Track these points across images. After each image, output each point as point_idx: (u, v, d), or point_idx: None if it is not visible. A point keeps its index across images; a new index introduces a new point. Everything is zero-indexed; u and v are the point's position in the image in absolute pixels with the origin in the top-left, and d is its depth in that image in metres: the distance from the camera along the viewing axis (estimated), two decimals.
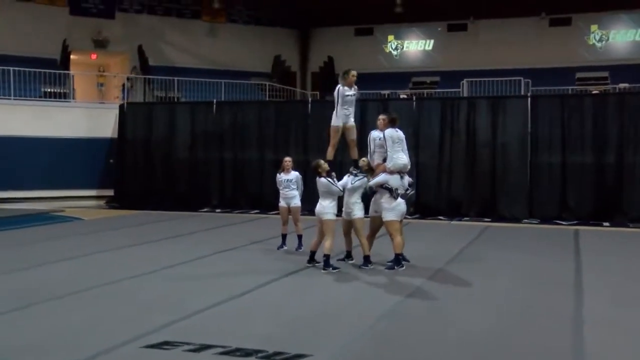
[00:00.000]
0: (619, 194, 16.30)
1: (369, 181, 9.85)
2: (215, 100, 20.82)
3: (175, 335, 6.11)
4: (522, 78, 23.71)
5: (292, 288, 8.55)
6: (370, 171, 10.05)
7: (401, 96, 25.48)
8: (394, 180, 9.60)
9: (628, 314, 7.09)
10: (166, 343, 5.87)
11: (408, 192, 9.80)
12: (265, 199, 19.04)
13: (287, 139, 19.36)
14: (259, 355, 5.53)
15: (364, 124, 18.37)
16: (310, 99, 19.81)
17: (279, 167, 19.00)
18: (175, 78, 25.24)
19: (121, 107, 21.71)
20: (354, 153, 10.28)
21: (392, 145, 9.74)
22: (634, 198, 16.14)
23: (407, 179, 9.89)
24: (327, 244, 9.49)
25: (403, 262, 9.65)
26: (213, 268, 9.77)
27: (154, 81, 26.19)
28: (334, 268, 9.44)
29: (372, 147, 10.26)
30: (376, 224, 10.05)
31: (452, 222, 16.36)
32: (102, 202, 21.24)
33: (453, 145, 17.69)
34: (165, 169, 20.34)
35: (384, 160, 9.95)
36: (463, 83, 24.50)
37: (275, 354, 5.55)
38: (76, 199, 21.03)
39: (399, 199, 9.62)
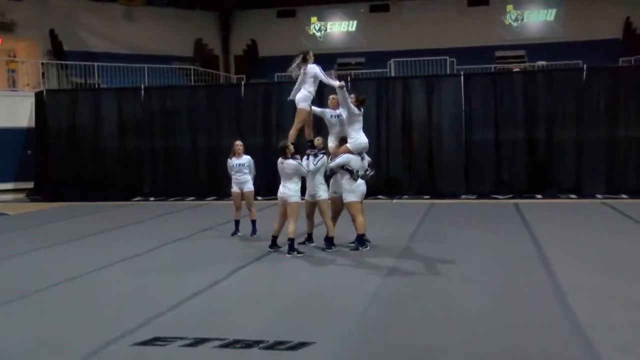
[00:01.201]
0: (549, 168, 16.92)
1: (329, 162, 9.69)
2: (143, 86, 20.03)
3: (162, 330, 5.78)
4: (447, 57, 24.14)
5: (265, 275, 8.31)
6: (326, 151, 9.89)
7: None
8: (354, 162, 9.49)
9: (603, 280, 7.31)
10: (157, 339, 5.54)
11: (368, 172, 9.69)
12: (200, 186, 18.66)
13: (220, 124, 18.92)
14: (261, 345, 5.31)
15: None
16: (243, 83, 19.35)
17: (213, 152, 18.97)
18: (95, 63, 24.09)
19: (39, 94, 20.53)
20: (310, 133, 10.08)
21: (353, 125, 9.61)
22: (562, 171, 16.82)
23: (367, 159, 9.80)
24: (290, 227, 9.28)
25: (366, 243, 9.59)
26: (172, 258, 9.36)
27: (71, 67, 24.90)
28: (299, 252, 9.27)
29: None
30: (337, 205, 9.93)
31: (394, 201, 16.50)
32: (21, 195, 20.08)
33: (390, 125, 17.81)
34: (92, 158, 19.44)
35: (341, 140, 9.83)
36: (390, 63, 24.69)
37: (277, 343, 5.34)
38: None
39: (359, 180, 9.53)
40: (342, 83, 9.59)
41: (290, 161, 9.33)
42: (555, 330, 5.61)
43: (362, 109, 9.83)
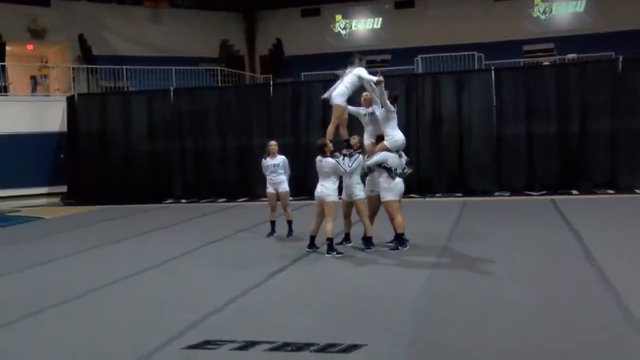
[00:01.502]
0: (583, 162, 16.61)
1: (364, 160, 9.62)
2: (172, 88, 20.11)
3: (211, 333, 5.76)
4: (475, 52, 23.88)
5: (306, 275, 8.26)
6: (362, 150, 9.81)
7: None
8: (392, 159, 9.40)
9: None
10: (207, 342, 5.52)
11: (405, 170, 9.60)
12: (231, 187, 18.71)
13: (250, 124, 18.93)
14: (312, 348, 5.26)
15: (327, 104, 18.19)
16: (271, 82, 19.35)
17: (243, 153, 18.99)
18: (125, 67, 24.25)
19: (70, 98, 20.73)
20: (345, 132, 10.00)
21: (389, 122, 9.53)
22: (597, 165, 16.49)
23: (404, 157, 9.71)
24: (328, 227, 9.22)
25: (406, 242, 9.49)
26: (212, 260, 9.37)
27: (100, 71, 25.12)
28: (338, 252, 9.21)
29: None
30: (374, 204, 9.85)
31: (426, 199, 16.36)
32: (56, 199, 20.31)
33: (420, 123, 17.65)
34: (123, 161, 19.59)
35: (378, 138, 9.75)
36: (417, 60, 24.52)
37: (329, 345, 5.29)
38: (26, 198, 19.96)
39: (397, 178, 9.44)
40: (382, 78, 9.48)
41: (329, 159, 9.26)
42: (613, 327, 5.48)
43: (396, 106, 9.74)
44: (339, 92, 9.60)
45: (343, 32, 30.53)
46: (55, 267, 9.41)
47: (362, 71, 9.50)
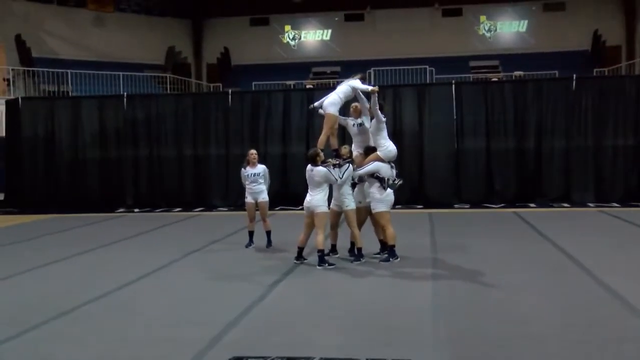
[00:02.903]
0: (539, 177, 17.03)
1: (354, 170, 9.48)
2: (125, 94, 19.40)
3: (236, 350, 5.43)
4: (427, 66, 24.26)
5: (308, 288, 7.99)
6: (352, 160, 9.67)
7: (307, 86, 25.23)
8: (385, 170, 9.32)
9: None
10: (237, 359, 5.20)
11: (396, 182, 9.52)
12: (187, 197, 18.20)
13: (207, 132, 18.47)
14: None
15: (287, 114, 18.05)
16: (230, 91, 18.96)
17: (199, 162, 18.50)
18: (69, 71, 23.29)
19: (11, 102, 19.69)
20: (335, 142, 9.85)
21: (380, 132, 9.45)
22: (552, 180, 16.95)
23: (394, 169, 9.63)
24: (319, 238, 9.02)
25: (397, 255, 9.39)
26: (197, 273, 8.95)
27: (39, 74, 24.04)
28: (330, 264, 9.01)
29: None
30: (362, 215, 9.71)
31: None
32: None
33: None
34: (72, 168, 18.73)
35: (367, 149, 9.63)
36: (370, 72, 24.66)
37: None
38: None
39: (389, 189, 9.35)
40: (376, 88, 9.39)
41: (320, 168, 9.07)
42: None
43: (385, 116, 9.67)
44: (331, 102, 9.46)
45: (292, 42, 30.49)
46: (26, 280, 8.76)
47: (356, 82, 9.39)
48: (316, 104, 9.93)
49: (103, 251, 10.95)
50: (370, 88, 9.28)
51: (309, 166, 9.20)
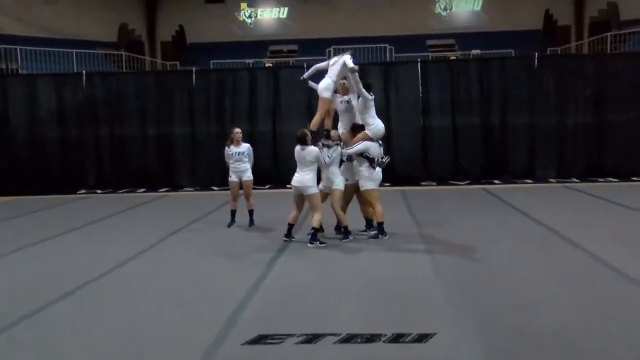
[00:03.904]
0: (504, 154, 17.40)
1: (342, 149, 9.47)
2: (84, 72, 18.78)
3: (258, 328, 5.40)
4: (387, 45, 24.34)
5: (308, 265, 7.96)
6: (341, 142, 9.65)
7: (266, 65, 25.03)
8: (374, 149, 9.36)
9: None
10: (264, 337, 5.19)
11: (384, 160, 9.57)
12: (151, 177, 17.83)
13: (171, 112, 18.09)
14: (382, 339, 5.08)
15: (253, 93, 17.87)
16: (194, 69, 18.57)
17: (164, 141, 18.13)
18: (18, 47, 22.38)
19: None
20: (329, 124, 9.80)
21: (368, 111, 9.46)
22: (516, 157, 17.34)
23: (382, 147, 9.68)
24: (317, 217, 9.01)
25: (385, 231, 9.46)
26: (188, 252, 8.80)
27: None
28: (321, 242, 9.00)
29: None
30: (349, 193, 9.73)
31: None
32: None
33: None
34: (29, 148, 18.03)
35: (354, 127, 9.63)
36: (330, 50, 24.58)
37: (399, 336, 5.13)
38: None
39: (377, 167, 9.40)
40: (356, 67, 9.37)
41: (312, 148, 9.05)
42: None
43: (372, 94, 9.68)
44: (325, 87, 9.39)
45: (248, 20, 30.11)
46: (10, 262, 8.47)
47: (347, 58, 9.32)
48: (306, 75, 9.82)
49: (80, 233, 10.67)
50: (351, 65, 9.24)
51: (299, 146, 9.15)
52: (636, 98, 17.02)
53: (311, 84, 9.81)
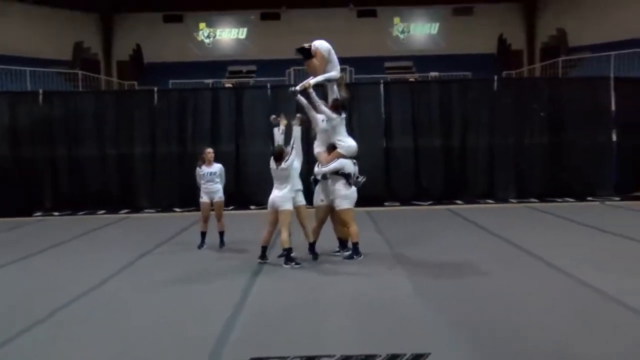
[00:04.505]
0: (464, 174, 17.67)
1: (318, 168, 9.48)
2: (41, 90, 18.33)
3: (248, 349, 5.30)
4: (347, 66, 24.52)
5: (287, 286, 7.89)
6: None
7: (225, 85, 24.91)
8: (349, 166, 9.38)
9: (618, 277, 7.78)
10: (257, 359, 5.08)
11: (360, 179, 9.61)
12: (111, 199, 17.42)
13: (131, 131, 17.77)
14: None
15: (216, 113, 17.72)
16: (156, 89, 18.34)
17: (122, 163, 17.76)
18: None
19: None
20: None
21: (337, 129, 9.50)
22: (476, 177, 17.64)
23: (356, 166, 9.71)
24: (284, 236, 8.94)
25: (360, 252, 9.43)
26: (161, 275, 8.58)
27: None
28: (297, 263, 8.93)
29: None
30: (326, 213, 9.70)
31: None
32: None
33: (309, 134, 17.66)
34: None
35: (330, 147, 9.64)
36: (290, 72, 24.67)
37: (394, 356, 5.11)
38: None
39: (352, 187, 9.42)
40: (308, 83, 9.44)
41: (288, 163, 9.03)
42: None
43: (344, 113, 9.72)
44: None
45: (207, 40, 29.97)
46: None
47: (330, 75, 9.40)
48: (298, 87, 9.73)
49: (45, 256, 10.34)
50: (309, 82, 9.32)
51: (275, 163, 9.10)
52: (589, 121, 17.59)
53: (301, 99, 9.72)
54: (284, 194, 8.98)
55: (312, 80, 9.53)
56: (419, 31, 30.08)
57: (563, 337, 5.42)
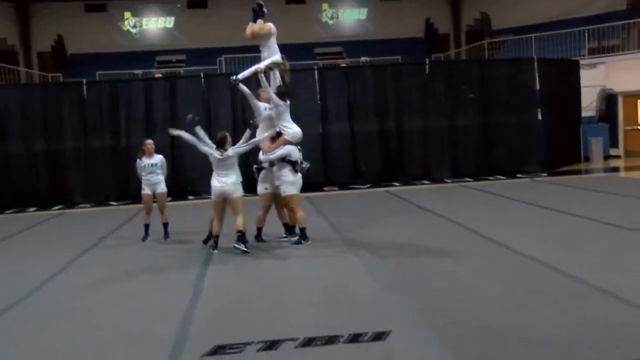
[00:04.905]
0: (400, 157, 18.01)
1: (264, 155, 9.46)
2: None
3: (212, 339, 5.28)
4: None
5: (242, 273, 7.84)
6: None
7: (156, 75, 24.42)
8: (295, 153, 9.42)
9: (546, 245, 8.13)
10: (222, 347, 5.08)
11: (304, 165, 9.66)
12: (42, 195, 16.84)
13: (61, 125, 17.20)
14: (342, 340, 5.13)
15: (149, 104, 17.35)
16: (85, 81, 17.74)
17: (52, 158, 17.14)
18: None
19: None
20: None
21: (282, 116, 9.52)
22: (412, 159, 18.02)
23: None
24: (240, 220, 8.91)
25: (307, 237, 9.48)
26: (108, 269, 8.39)
27: None
28: (246, 247, 8.87)
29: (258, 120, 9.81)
30: (270, 200, 9.72)
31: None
32: None
33: (246, 120, 17.53)
34: None
35: (274, 134, 9.63)
36: (221, 60, 24.39)
37: (357, 335, 5.20)
38: None
39: (298, 173, 9.46)
40: (261, 67, 9.46)
41: (232, 149, 8.98)
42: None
43: (288, 100, 9.75)
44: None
45: (133, 30, 29.24)
46: None
47: (275, 58, 9.43)
48: (240, 76, 9.62)
49: None
50: (259, 66, 9.35)
51: (217, 150, 9.00)
52: (516, 101, 18.24)
53: (242, 87, 9.63)
54: (234, 181, 8.93)
55: (262, 65, 9.51)
56: (348, 17, 30.28)
57: (518, 315, 5.61)
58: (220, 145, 9.00)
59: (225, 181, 8.94)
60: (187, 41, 28.54)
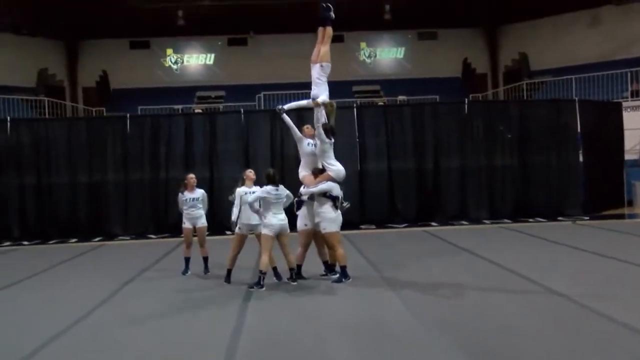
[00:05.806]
0: (438, 196, 17.88)
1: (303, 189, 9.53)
2: (9, 118, 17.98)
3: None
4: None
5: (283, 309, 7.84)
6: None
7: (195, 111, 24.82)
8: (337, 189, 9.43)
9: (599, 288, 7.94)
10: None
11: (345, 205, 9.67)
12: (83, 226, 17.13)
13: (104, 158, 17.54)
14: None
15: (189, 139, 17.61)
16: (128, 115, 18.16)
17: (94, 189, 17.46)
18: None
19: None
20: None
21: (326, 153, 9.57)
22: (449, 199, 17.86)
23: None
24: (292, 257, 9.02)
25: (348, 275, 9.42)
26: (150, 302, 8.46)
27: None
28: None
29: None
30: (307, 238, 9.70)
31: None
32: None
33: (285, 158, 17.68)
34: None
35: (315, 171, 9.67)
36: (260, 97, 24.72)
37: None
38: None
39: (338, 210, 9.46)
40: (318, 102, 9.52)
41: (283, 187, 9.07)
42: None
43: (333, 138, 9.81)
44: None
45: (174, 66, 29.86)
46: None
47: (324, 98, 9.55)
48: (286, 106, 9.78)
49: (21, 288, 9.99)
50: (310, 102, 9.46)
51: (270, 187, 9.05)
52: (557, 142, 18.04)
53: (286, 118, 9.77)
54: (285, 218, 9.00)
55: (319, 100, 9.60)
56: (385, 55, 30.54)
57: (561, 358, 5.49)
58: (273, 181, 9.08)
59: (282, 218, 9.02)
60: (227, 77, 29.05)
